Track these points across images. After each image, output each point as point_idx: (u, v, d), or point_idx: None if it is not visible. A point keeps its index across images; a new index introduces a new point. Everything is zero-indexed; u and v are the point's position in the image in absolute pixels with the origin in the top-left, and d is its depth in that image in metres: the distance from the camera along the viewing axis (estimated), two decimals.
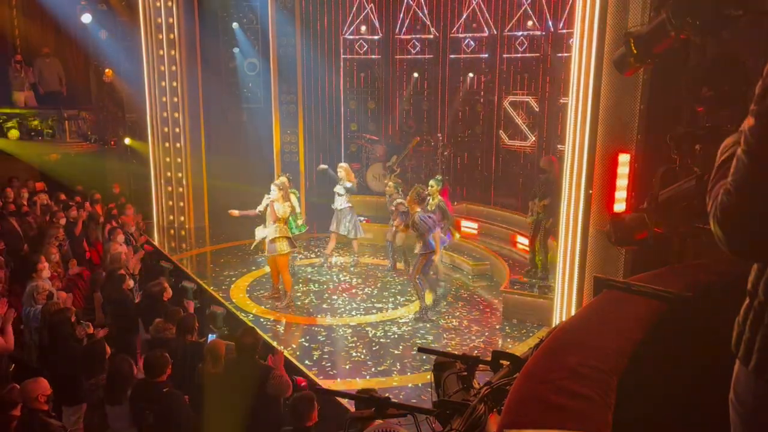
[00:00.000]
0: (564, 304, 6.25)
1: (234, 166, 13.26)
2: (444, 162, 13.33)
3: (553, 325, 6.62)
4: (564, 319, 6.32)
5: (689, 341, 2.17)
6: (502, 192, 12.71)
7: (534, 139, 12.11)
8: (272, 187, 8.61)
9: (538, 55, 11.99)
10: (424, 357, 7.06)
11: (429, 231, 7.99)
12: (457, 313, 8.66)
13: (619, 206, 4.95)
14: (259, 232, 8.84)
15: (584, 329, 2.20)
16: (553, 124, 11.53)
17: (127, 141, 13.76)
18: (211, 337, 5.88)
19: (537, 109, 12.05)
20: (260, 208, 8.75)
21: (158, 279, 7.24)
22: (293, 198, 9.35)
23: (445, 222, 8.93)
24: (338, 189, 10.28)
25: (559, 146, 10.79)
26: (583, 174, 5.79)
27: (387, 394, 2.63)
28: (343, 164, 10.63)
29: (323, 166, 10.64)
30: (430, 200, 8.94)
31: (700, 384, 1.98)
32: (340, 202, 10.33)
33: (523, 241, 10.32)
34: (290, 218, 9.74)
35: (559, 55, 11.30)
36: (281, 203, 8.49)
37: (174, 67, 12.97)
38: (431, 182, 9.01)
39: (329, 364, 7.06)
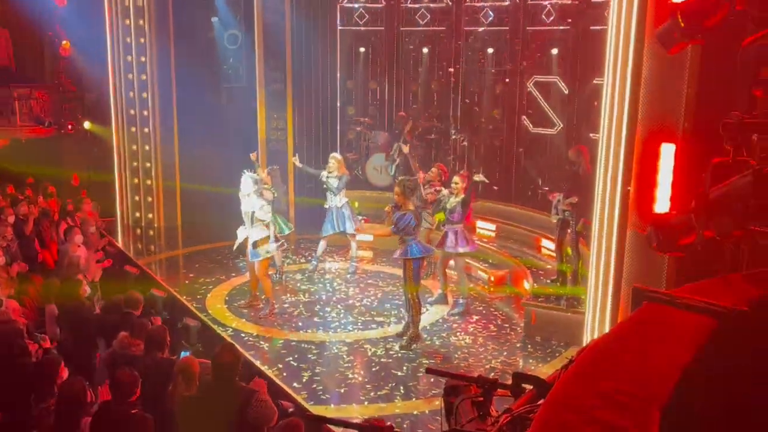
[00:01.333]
0: (596, 319, 6.24)
1: (212, 156, 13.28)
2: (459, 152, 13.33)
3: (584, 344, 6.60)
4: (596, 336, 6.32)
5: (746, 364, 2.16)
6: (525, 187, 12.70)
7: (562, 126, 12.10)
8: (243, 178, 8.61)
9: (568, 27, 11.98)
10: (433, 380, 7.06)
11: (413, 233, 7.90)
12: (471, 329, 8.66)
13: (662, 206, 4.95)
14: (242, 233, 8.86)
15: (621, 349, 2.19)
16: (584, 109, 11.52)
17: (87, 125, 13.80)
18: (183, 354, 5.88)
19: (566, 92, 12.03)
20: (244, 208, 8.75)
21: (123, 286, 7.24)
22: (267, 195, 9.34)
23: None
24: (329, 182, 10.27)
25: (591, 135, 10.77)
26: (619, 167, 5.79)
27: (389, 423, 2.63)
28: (335, 155, 10.65)
29: (296, 161, 10.64)
30: (452, 198, 8.90)
31: (759, 415, 1.98)
32: (337, 199, 10.34)
33: (548, 246, 10.31)
34: (275, 216, 9.75)
35: (594, 28, 11.29)
36: (258, 201, 8.52)
37: (142, 39, 12.99)
38: (456, 179, 8.99)
39: (321, 387, 7.06)
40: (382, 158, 13.45)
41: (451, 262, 9.34)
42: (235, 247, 9.23)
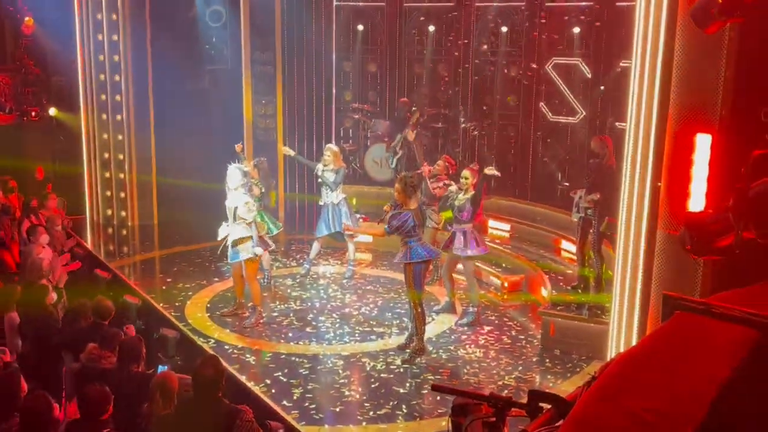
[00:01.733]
0: (622, 330, 6.24)
1: (193, 147, 13.28)
2: (468, 142, 13.33)
3: (608, 358, 6.59)
4: (622, 349, 6.31)
5: None
6: (543, 182, 12.70)
7: (584, 113, 12.10)
8: (230, 170, 8.61)
9: (591, 3, 11.98)
10: (439, 398, 7.06)
11: (414, 234, 7.89)
12: (482, 341, 8.67)
13: (696, 203, 4.95)
14: (224, 231, 8.86)
15: (650, 364, 2.19)
16: (609, 95, 11.52)
17: (53, 112, 13.79)
18: (161, 368, 5.89)
19: (589, 75, 12.03)
20: (229, 203, 8.75)
21: (93, 292, 7.25)
22: (254, 191, 9.34)
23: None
24: (324, 176, 10.27)
25: (617, 124, 10.77)
26: (649, 160, 5.79)
27: None
28: (331, 146, 10.65)
29: (288, 150, 10.61)
30: (461, 194, 8.90)
31: None
32: (334, 195, 10.33)
33: (569, 248, 10.31)
34: (263, 214, 9.76)
35: (620, 3, 11.29)
36: (242, 197, 8.52)
37: (114, 16, 12.98)
38: (465, 173, 8.98)
39: (314, 406, 7.06)
40: (382, 149, 13.45)
41: (460, 267, 9.34)
42: (220, 250, 9.20)
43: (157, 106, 13.48)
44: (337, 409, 7.03)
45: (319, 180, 10.42)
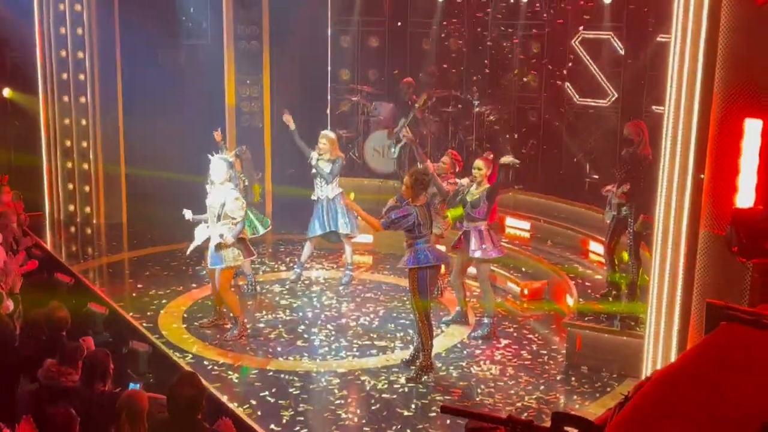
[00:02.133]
0: (659, 344, 6.24)
1: (167, 133, 13.28)
2: (484, 128, 13.32)
3: (643, 376, 6.58)
4: (659, 366, 6.30)
5: None
6: (569, 174, 12.69)
7: (616, 95, 12.09)
8: (213, 161, 8.61)
9: None
10: (449, 421, 7.04)
11: (420, 235, 7.89)
12: (499, 356, 8.67)
13: (745, 198, 4.95)
14: (203, 234, 8.85)
15: (691, 383, 2.19)
16: (645, 74, 11.50)
17: (7, 93, 13.78)
18: (131, 387, 5.88)
19: (622, 51, 12.01)
20: (211, 201, 8.73)
21: (52, 300, 7.24)
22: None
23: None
24: (318, 167, 10.25)
25: (653, 107, 10.75)
26: (690, 149, 5.78)
27: None
28: (327, 132, 10.61)
29: (290, 120, 10.49)
30: (473, 188, 8.90)
31: None
32: (329, 189, 10.32)
33: (598, 250, 10.30)
34: (248, 212, 9.74)
35: None
36: (228, 191, 8.51)
37: None
38: (478, 163, 8.97)
39: (305, 430, 7.05)
40: (384, 136, 13.46)
41: (472, 270, 9.33)
42: (189, 251, 9.20)
43: (127, 87, 13.47)
44: None
45: (313, 171, 10.41)
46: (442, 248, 8.97)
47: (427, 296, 7.95)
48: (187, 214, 8.74)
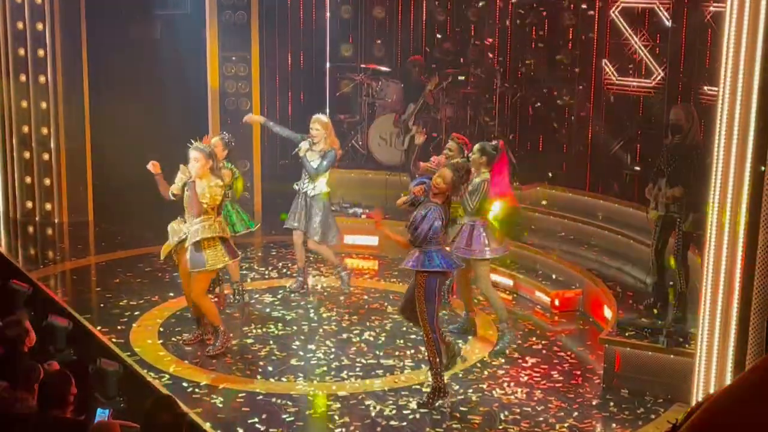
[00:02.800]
0: (712, 364, 6.22)
1: (140, 118, 13.27)
2: (508, 113, 13.31)
3: (694, 401, 6.56)
4: (712, 389, 6.29)
5: None
6: (607, 167, 12.66)
7: (662, 74, 12.06)
8: (191, 152, 8.62)
9: None
10: None
11: (435, 235, 7.88)
12: (525, 377, 8.66)
13: None
14: (175, 231, 8.86)
15: (750, 409, 2.18)
16: (695, 50, 11.48)
17: None
18: (100, 413, 5.88)
19: (668, 23, 11.99)
20: (174, 189, 8.74)
21: (11, 313, 7.26)
22: (226, 177, 9.33)
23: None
24: (306, 159, 10.22)
25: (705, 88, 10.71)
26: (749, 136, 5.75)
27: None
28: (319, 116, 10.53)
29: (255, 118, 10.45)
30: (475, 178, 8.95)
31: None
32: (311, 186, 10.26)
33: (642, 253, 10.26)
34: (229, 207, 9.74)
35: None
36: (207, 181, 8.52)
37: None
38: (476, 149, 9.01)
39: None
40: (390, 121, 13.46)
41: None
42: (163, 255, 9.16)
43: (93, 65, 13.48)
44: None
45: (301, 156, 10.33)
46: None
47: (435, 304, 7.92)
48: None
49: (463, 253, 8.94)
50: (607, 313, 9.50)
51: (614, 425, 7.81)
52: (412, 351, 9.12)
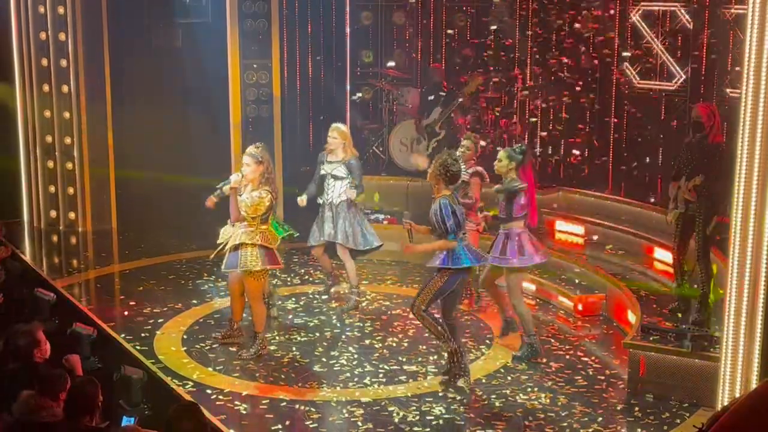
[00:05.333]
0: (738, 368, 6.18)
1: (162, 127, 13.32)
2: (529, 117, 13.28)
3: (719, 406, 6.51)
4: (738, 394, 6.23)
5: None
6: (630, 170, 12.61)
7: (684, 77, 12.01)
8: (245, 157, 8.66)
9: None
10: None
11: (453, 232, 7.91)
12: (549, 383, 8.62)
13: None
14: (226, 233, 8.91)
15: None
16: (718, 52, 11.42)
17: None
18: (125, 421, 5.90)
19: (690, 25, 11.94)
20: (225, 185, 8.69)
21: (29, 322, 7.28)
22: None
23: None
24: (329, 168, 10.23)
25: (728, 90, 10.66)
26: None
27: None
28: (338, 125, 10.53)
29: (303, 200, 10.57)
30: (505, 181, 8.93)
31: None
32: (338, 190, 10.26)
33: (664, 257, 10.22)
34: (273, 217, 9.76)
35: None
36: (253, 188, 8.55)
37: None
38: (500, 154, 8.98)
39: None
40: (412, 128, 13.46)
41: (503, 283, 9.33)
42: (212, 256, 9.15)
43: (115, 74, 13.52)
44: None
45: (321, 167, 10.32)
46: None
47: (438, 298, 8.18)
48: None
49: (497, 262, 8.94)
50: (631, 317, 9.46)
51: (639, 430, 7.74)
52: (435, 357, 9.09)
